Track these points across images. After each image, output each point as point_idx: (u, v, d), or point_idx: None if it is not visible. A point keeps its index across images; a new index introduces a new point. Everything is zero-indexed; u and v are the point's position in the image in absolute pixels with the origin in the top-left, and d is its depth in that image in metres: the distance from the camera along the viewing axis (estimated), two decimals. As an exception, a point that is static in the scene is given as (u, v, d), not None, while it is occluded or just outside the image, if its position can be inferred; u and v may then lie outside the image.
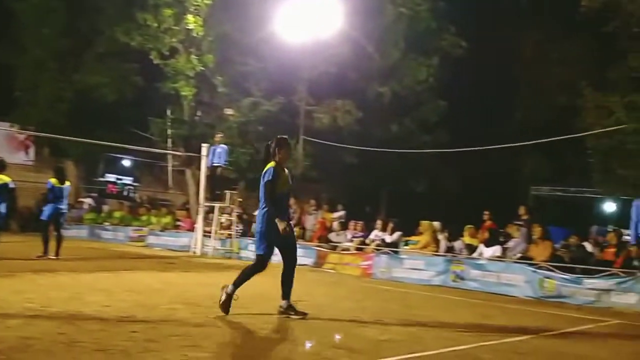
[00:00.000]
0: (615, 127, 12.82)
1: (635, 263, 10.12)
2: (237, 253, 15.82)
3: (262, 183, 6.24)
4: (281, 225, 6.05)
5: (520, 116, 25.35)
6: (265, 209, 6.18)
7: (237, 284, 6.18)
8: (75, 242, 15.90)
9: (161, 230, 18.66)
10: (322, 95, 21.23)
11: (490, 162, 22.95)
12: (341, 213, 16.74)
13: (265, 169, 6.28)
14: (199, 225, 16.12)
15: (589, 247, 12.18)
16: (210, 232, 16.05)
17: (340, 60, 20.87)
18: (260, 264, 6.24)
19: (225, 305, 6.08)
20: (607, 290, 9.73)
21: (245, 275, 6.25)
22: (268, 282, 10.19)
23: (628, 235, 10.79)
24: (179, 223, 19.01)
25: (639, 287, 9.25)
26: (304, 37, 18.93)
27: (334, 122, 20.68)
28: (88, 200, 23.70)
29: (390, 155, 19.88)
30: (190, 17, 18.47)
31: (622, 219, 22.59)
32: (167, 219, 19.35)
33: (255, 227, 6.50)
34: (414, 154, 20.45)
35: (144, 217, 20.12)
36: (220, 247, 16.04)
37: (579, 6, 16.36)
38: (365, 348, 4.99)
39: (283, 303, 6.27)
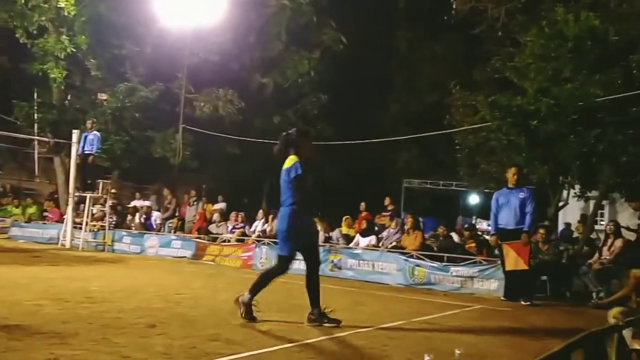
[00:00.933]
0: (480, 125, 13.69)
1: (496, 252, 10.96)
2: (111, 245, 15.21)
3: (286, 179, 5.78)
4: (310, 226, 5.86)
5: (396, 111, 26.43)
6: (293, 207, 5.74)
7: (256, 290, 5.75)
8: None
9: (26, 222, 17.50)
10: (203, 83, 20.87)
11: (368, 155, 23.79)
12: (222, 204, 16.58)
13: (289, 164, 5.82)
14: (69, 216, 15.26)
15: (455, 237, 13.02)
16: (81, 224, 15.28)
17: (222, 49, 20.63)
18: (284, 265, 5.81)
19: (249, 315, 5.69)
20: (471, 277, 10.45)
21: (266, 279, 5.83)
22: (133, 275, 9.87)
23: (489, 225, 11.64)
24: (46, 214, 17.92)
25: (498, 274, 9.98)
26: (184, 23, 18.46)
27: (215, 111, 20.39)
28: (-60, 189, 21.65)
29: (271, 147, 19.91)
30: (61, -5, 17.35)
31: (484, 210, 24.40)
32: (32, 210, 18.18)
33: (278, 226, 5.97)
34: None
35: (7, 207, 18.78)
36: (92, 240, 15.32)
37: (450, 9, 17.36)
38: (244, 339, 4.99)
39: (314, 311, 5.78)
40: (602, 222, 15.99)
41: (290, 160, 5.85)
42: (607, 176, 11.16)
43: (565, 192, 12.69)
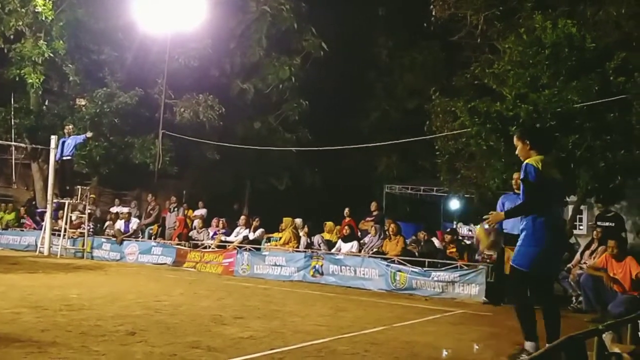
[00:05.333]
0: (460, 131, 13.78)
1: (477, 257, 11.04)
2: (90, 252, 15.05)
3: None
4: None
5: (376, 117, 26.54)
6: None
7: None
8: None
9: (3, 229, 17.24)
10: (183, 89, 20.71)
11: (349, 161, 23.84)
12: (202, 211, 16.47)
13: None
14: (47, 223, 15.04)
15: (436, 242, 13.07)
16: (59, 230, 15.08)
17: (202, 55, 20.51)
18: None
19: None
20: (452, 282, 10.51)
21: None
22: (112, 282, 9.77)
23: (470, 230, 11.72)
24: (23, 221, 17.66)
25: (479, 278, 10.07)
26: (164, 28, 18.36)
27: (195, 117, 20.26)
28: None
29: (252, 153, 19.92)
30: (38, 0, 17.14)
31: (464, 215, 24.60)
32: (9, 216, 17.90)
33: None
34: (276, 151, 20.69)
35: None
36: (70, 247, 15.13)
37: (429, 16, 17.50)
38: (225, 346, 4.96)
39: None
40: (580, 227, 16.20)
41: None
42: (585, 181, 11.29)
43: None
